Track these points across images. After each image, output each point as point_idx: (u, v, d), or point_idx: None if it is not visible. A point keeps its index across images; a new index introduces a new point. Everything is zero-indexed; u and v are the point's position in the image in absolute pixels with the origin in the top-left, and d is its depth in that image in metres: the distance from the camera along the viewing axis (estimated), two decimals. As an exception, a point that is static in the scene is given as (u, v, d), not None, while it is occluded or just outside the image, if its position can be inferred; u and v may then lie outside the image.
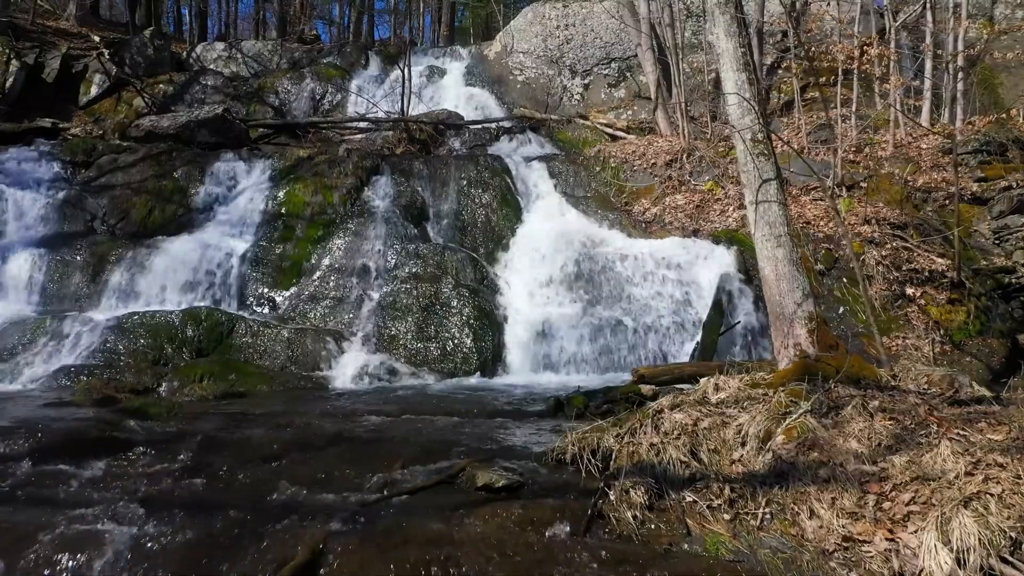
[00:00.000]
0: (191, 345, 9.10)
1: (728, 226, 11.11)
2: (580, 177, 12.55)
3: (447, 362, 9.28)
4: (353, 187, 11.95)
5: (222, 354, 9.15)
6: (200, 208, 11.96)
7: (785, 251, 5.64)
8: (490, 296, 10.18)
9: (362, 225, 11.20)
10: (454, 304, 9.79)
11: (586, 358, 9.47)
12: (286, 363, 9.09)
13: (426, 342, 9.45)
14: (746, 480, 4.51)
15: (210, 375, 8.52)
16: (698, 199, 11.57)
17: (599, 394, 7.23)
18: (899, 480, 4.25)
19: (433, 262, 10.44)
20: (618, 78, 18.99)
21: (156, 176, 12.31)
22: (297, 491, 4.85)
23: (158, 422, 6.59)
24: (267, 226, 11.42)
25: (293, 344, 9.24)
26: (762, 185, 5.71)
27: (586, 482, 4.73)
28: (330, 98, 18.87)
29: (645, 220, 11.59)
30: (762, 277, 5.82)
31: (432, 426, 6.41)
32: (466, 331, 9.51)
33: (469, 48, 21.60)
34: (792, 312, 5.55)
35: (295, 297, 10.40)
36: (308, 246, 11.00)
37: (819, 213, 11.15)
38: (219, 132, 14.48)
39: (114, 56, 19.66)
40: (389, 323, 9.66)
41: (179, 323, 9.23)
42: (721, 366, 7.37)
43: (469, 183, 12.20)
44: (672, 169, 12.09)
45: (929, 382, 5.53)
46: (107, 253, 10.79)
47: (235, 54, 21.26)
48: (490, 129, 16.13)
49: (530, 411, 7.06)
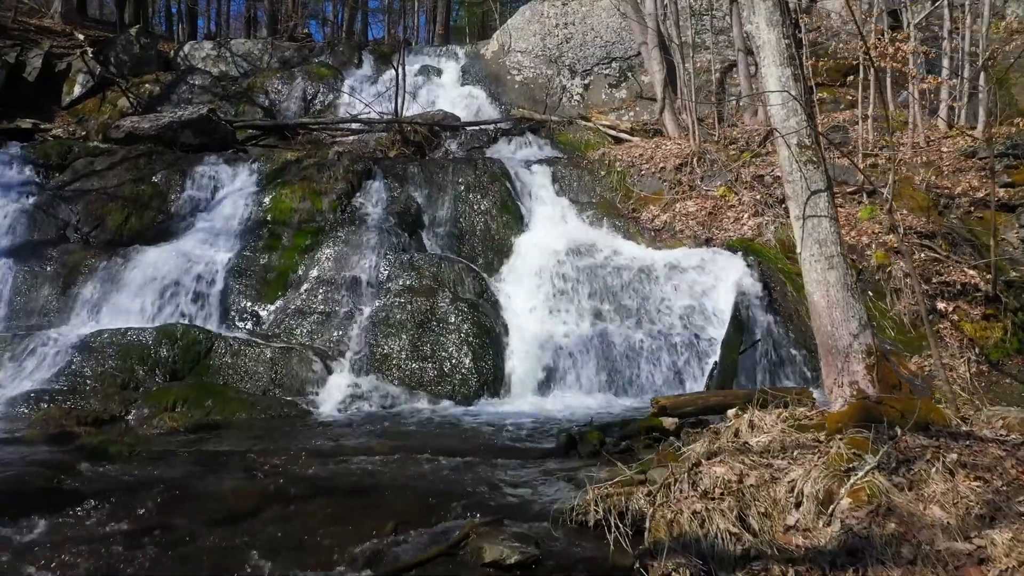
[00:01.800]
0: (165, 366, 8.21)
1: (743, 234, 10.28)
2: (584, 182, 11.68)
3: (444, 384, 8.41)
4: (343, 192, 11.06)
5: (199, 376, 8.26)
6: (180, 215, 11.06)
7: (838, 274, 4.80)
8: (490, 311, 9.31)
9: (353, 233, 10.31)
10: (452, 320, 8.92)
11: (594, 378, 8.62)
12: (269, 386, 8.21)
13: (421, 362, 8.58)
14: (811, 559, 3.66)
15: (184, 401, 7.65)
16: (710, 205, 10.72)
17: (615, 428, 6.38)
18: (1005, 565, 3.41)
19: (429, 274, 9.56)
20: (619, 78, 18.12)
21: (134, 180, 11.40)
22: (269, 564, 4.00)
23: (118, 464, 5.72)
24: (251, 234, 10.52)
25: (277, 365, 8.36)
26: (811, 197, 4.85)
27: (615, 557, 3.89)
28: (322, 98, 17.96)
29: (654, 228, 10.74)
30: (810, 304, 4.96)
31: (429, 470, 5.55)
32: (465, 350, 8.64)
33: (465, 47, 20.72)
34: (847, 345, 4.70)
35: (280, 312, 9.51)
36: (295, 256, 10.11)
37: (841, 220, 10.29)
38: (204, 133, 13.58)
39: (98, 55, 18.75)
40: (381, 341, 8.79)
41: (152, 342, 8.34)
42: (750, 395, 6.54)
43: (467, 188, 11.32)
44: (682, 174, 11.24)
45: (1006, 426, 4.68)
46: (79, 263, 9.89)
47: (224, 53, 20.31)
48: (488, 131, 15.25)
49: (538, 448, 6.20)
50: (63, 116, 17.50)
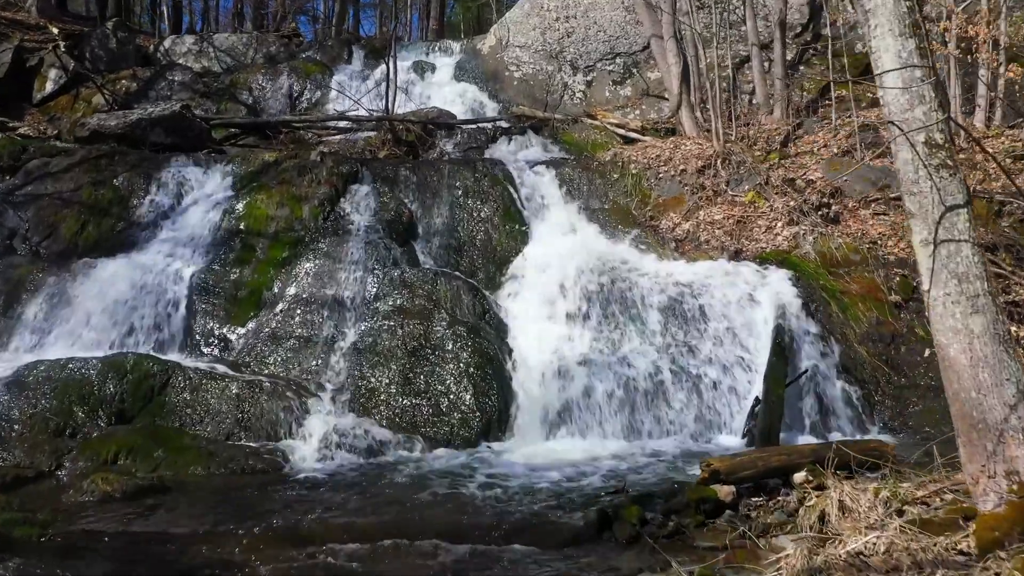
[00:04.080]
0: (111, 406, 6.75)
1: (778, 246, 8.90)
2: (595, 186, 10.24)
3: (441, 424, 7.00)
4: (327, 198, 9.61)
5: (151, 416, 6.82)
6: (143, 223, 9.58)
7: (985, 321, 3.42)
8: (493, 335, 7.90)
9: (336, 245, 8.87)
10: (449, 347, 7.50)
11: (613, 417, 7.22)
12: (234, 428, 6.78)
13: (414, 397, 7.17)
14: None
15: (129, 451, 6.22)
16: (738, 213, 9.32)
17: (657, 500, 4.99)
18: None
19: (423, 292, 8.13)
20: (624, 75, 16.69)
21: (93, 184, 9.92)
22: None
23: (20, 558, 4.27)
24: (223, 245, 9.08)
25: (244, 402, 6.93)
26: (945, 215, 3.47)
27: None
28: (309, 95, 16.49)
29: (676, 238, 9.33)
30: (942, 359, 3.58)
31: (424, 569, 4.14)
32: (465, 383, 7.23)
33: (461, 42, 19.24)
34: (1001, 419, 3.33)
35: (252, 336, 8.08)
36: (270, 271, 8.67)
37: (885, 230, 8.95)
38: (176, 132, 12.09)
39: (73, 49, 17.29)
40: (367, 372, 7.37)
41: (97, 376, 6.88)
42: (819, 453, 5.20)
43: (465, 193, 9.87)
44: (705, 177, 9.82)
45: None
46: (24, 279, 8.45)
47: (206, 48, 18.80)
48: (486, 130, 13.79)
49: (562, 526, 4.78)
50: (34, 114, 16.09)
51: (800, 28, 16.49)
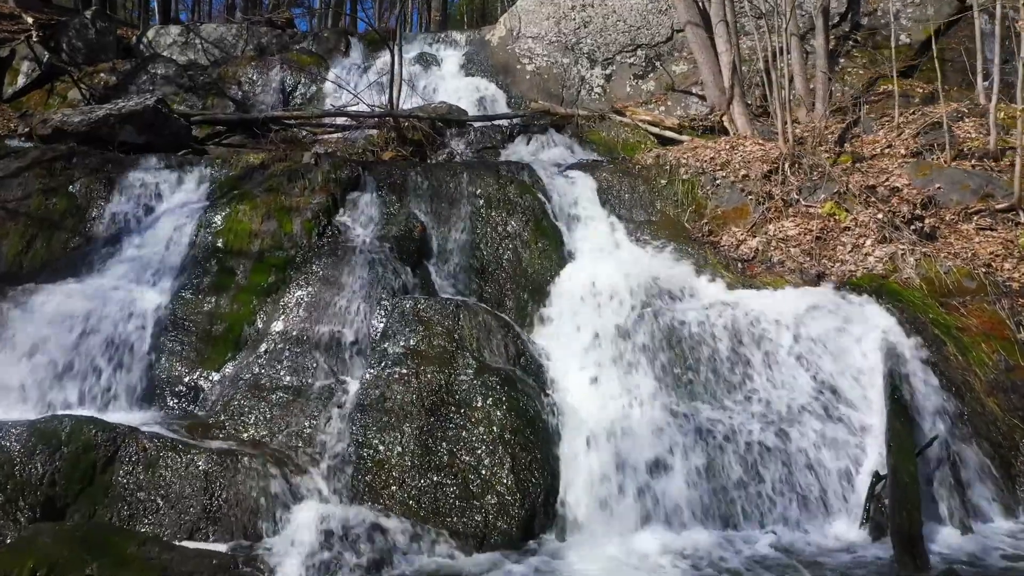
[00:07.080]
0: (37, 492, 4.94)
1: (869, 268, 7.10)
2: (639, 194, 8.42)
3: (471, 513, 5.20)
4: (322, 209, 7.78)
5: (92, 504, 5.02)
6: (102, 239, 7.74)
7: None
8: (532, 387, 6.09)
9: (334, 267, 7.06)
10: (478, 403, 5.70)
11: (692, 499, 5.42)
12: (200, 521, 4.98)
13: (435, 474, 5.37)
14: None
15: (52, 568, 4.37)
16: (816, 227, 7.52)
17: None
18: None
19: (442, 329, 6.31)
20: (646, 68, 14.88)
21: (44, 192, 8.08)
22: None
23: None
24: (196, 268, 7.25)
25: (214, 483, 5.12)
26: None
27: None
28: (303, 90, 14.65)
29: (742, 257, 7.52)
30: None
31: None
32: (500, 453, 5.43)
33: (467, 33, 17.38)
34: None
35: (229, 384, 6.28)
36: (253, 301, 6.87)
37: (997, 249, 7.16)
38: (150, 130, 10.25)
39: (48, 40, 15.45)
40: (374, 438, 5.56)
41: (20, 450, 5.05)
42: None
43: (488, 203, 8.04)
44: (771, 183, 8.03)
45: None
46: (-54, 311, 6.61)
47: (193, 39, 16.93)
48: (501, 128, 11.97)
49: None
50: (4, 110, 14.31)
51: (838, 18, 14.70)
